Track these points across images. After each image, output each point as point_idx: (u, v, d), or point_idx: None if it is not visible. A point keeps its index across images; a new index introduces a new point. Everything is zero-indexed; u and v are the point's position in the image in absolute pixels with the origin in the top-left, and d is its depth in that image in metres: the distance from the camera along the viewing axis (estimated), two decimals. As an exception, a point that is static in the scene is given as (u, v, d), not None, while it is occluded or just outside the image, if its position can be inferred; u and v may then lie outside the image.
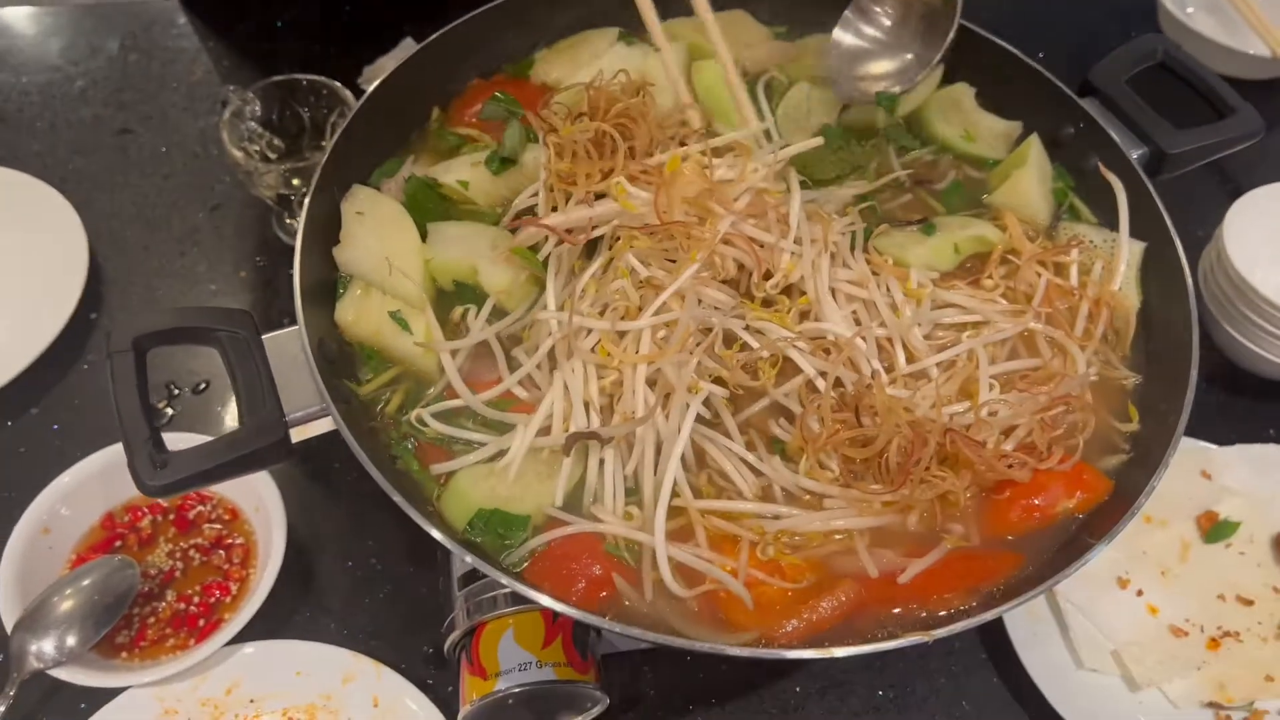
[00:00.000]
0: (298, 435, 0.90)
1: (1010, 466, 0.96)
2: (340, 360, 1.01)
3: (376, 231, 1.10)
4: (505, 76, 1.30)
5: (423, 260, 1.10)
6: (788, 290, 1.04)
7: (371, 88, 1.17)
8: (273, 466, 0.91)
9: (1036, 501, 0.98)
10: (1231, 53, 1.70)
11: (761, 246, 1.01)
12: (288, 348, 0.92)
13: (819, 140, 1.16)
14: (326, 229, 1.09)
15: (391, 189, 1.16)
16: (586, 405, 0.98)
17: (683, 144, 1.11)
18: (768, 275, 1.03)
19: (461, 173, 1.17)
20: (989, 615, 0.87)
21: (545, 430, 0.98)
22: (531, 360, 1.01)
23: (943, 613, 0.93)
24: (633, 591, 0.92)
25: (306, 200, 1.03)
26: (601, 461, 0.97)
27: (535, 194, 1.13)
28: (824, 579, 0.94)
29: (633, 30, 1.33)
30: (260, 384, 0.88)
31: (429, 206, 1.15)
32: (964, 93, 1.29)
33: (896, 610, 0.93)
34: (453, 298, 1.10)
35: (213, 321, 0.90)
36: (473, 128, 1.24)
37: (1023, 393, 1.03)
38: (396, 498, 0.86)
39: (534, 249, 1.09)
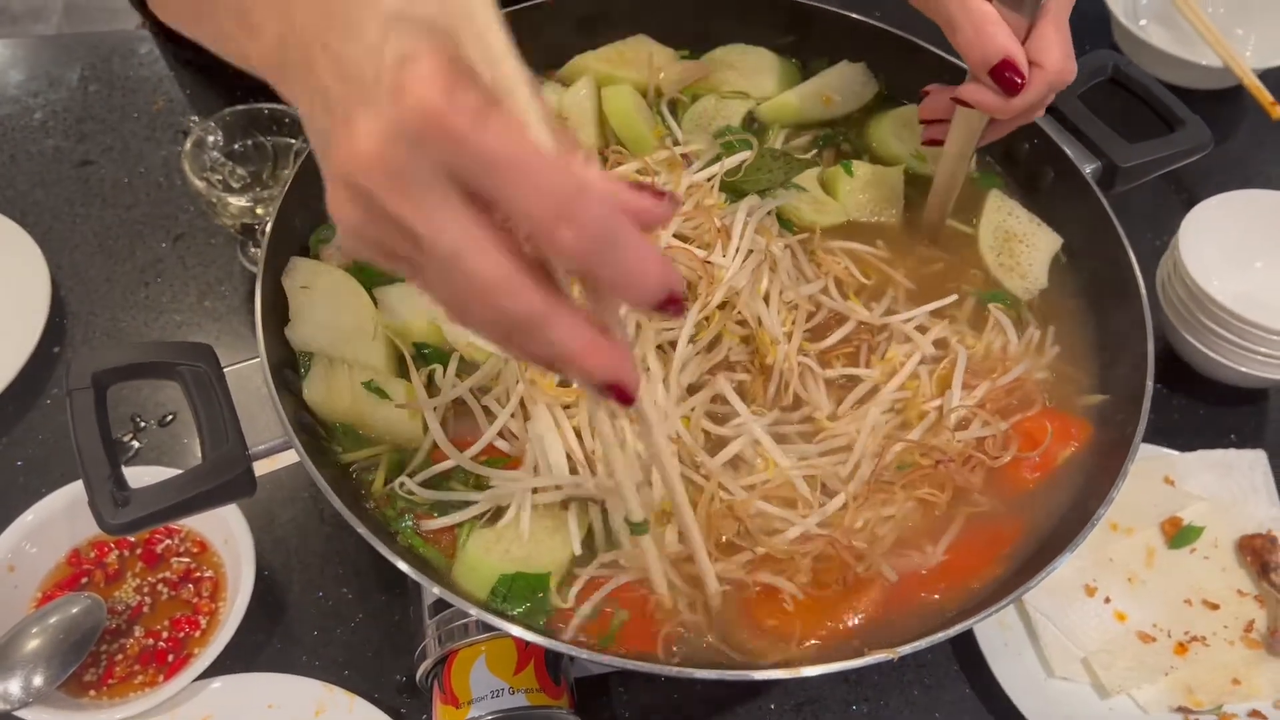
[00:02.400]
0: (262, 468, 0.90)
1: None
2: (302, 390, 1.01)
3: (325, 304, 1.06)
4: None
5: (381, 326, 1.07)
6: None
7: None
8: (237, 500, 0.90)
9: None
10: (1185, 64, 1.73)
11: (707, 262, 1.02)
12: (250, 380, 0.92)
13: (750, 153, 1.17)
14: (288, 259, 1.08)
15: (334, 255, 1.13)
16: (569, 455, 0.97)
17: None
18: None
19: None
20: (957, 628, 0.88)
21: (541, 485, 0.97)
22: (505, 410, 1.00)
23: (977, 585, 0.97)
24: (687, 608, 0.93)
25: (268, 228, 1.03)
26: (604, 509, 0.97)
27: None
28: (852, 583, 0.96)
29: (538, 70, 1.33)
30: (222, 418, 0.87)
31: (372, 270, 1.12)
32: (915, 113, 1.31)
33: (935, 596, 0.97)
34: (416, 361, 1.07)
35: (173, 356, 0.89)
36: None
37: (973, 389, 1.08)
38: (371, 538, 0.86)
39: None
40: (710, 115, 1.29)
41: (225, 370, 0.91)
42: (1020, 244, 1.21)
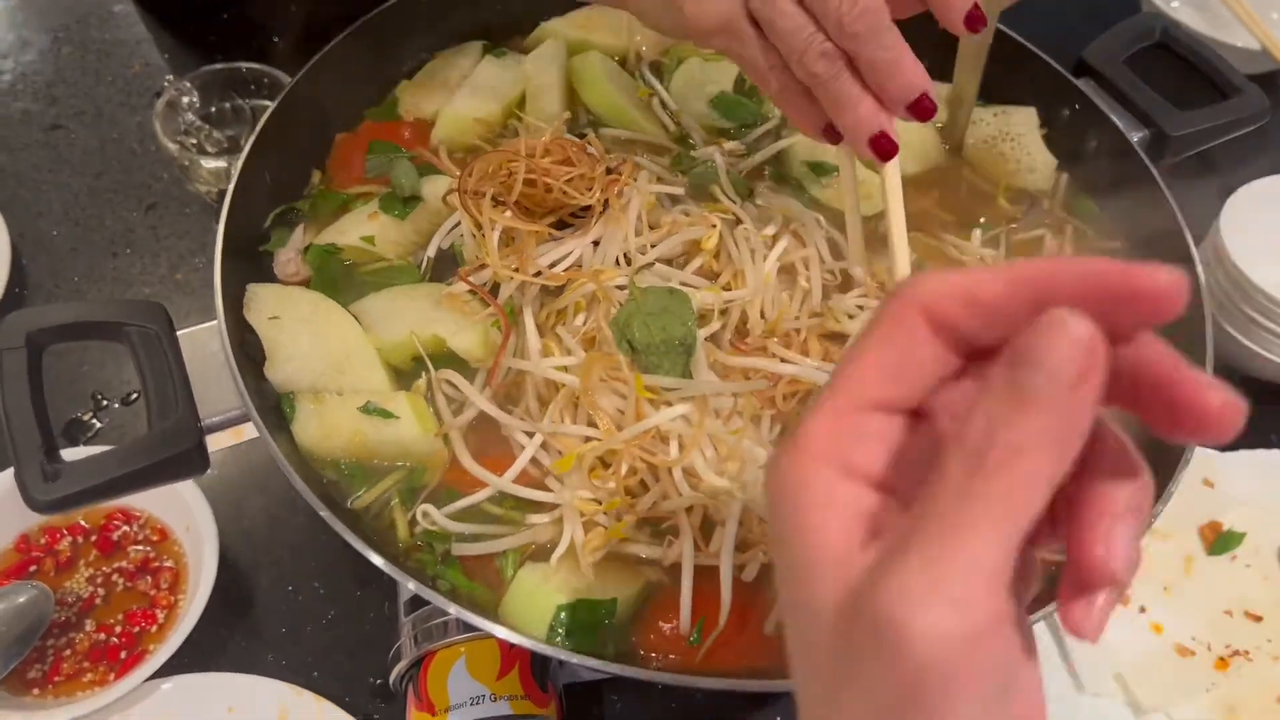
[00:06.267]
0: (219, 443, 0.81)
1: None
2: (263, 356, 0.91)
3: (304, 333, 0.95)
4: (372, 122, 1.16)
5: (373, 347, 0.95)
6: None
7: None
8: (188, 478, 0.81)
9: None
10: (1219, 46, 1.64)
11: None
12: (206, 345, 0.82)
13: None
14: (249, 224, 0.99)
15: (291, 265, 1.02)
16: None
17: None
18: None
19: (362, 228, 1.03)
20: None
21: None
22: (534, 442, 0.88)
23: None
24: None
25: (230, 187, 0.94)
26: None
27: (453, 227, 1.01)
28: None
29: (497, 41, 1.23)
30: (172, 385, 0.78)
31: (336, 277, 1.01)
32: None
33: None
34: (412, 376, 0.96)
35: (119, 315, 0.79)
36: (362, 184, 1.10)
37: None
38: (336, 523, 0.78)
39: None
40: (699, 79, 1.18)
41: (179, 334, 0.82)
42: (1006, 142, 1.14)
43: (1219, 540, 1.18)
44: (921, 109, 0.76)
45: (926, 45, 1.16)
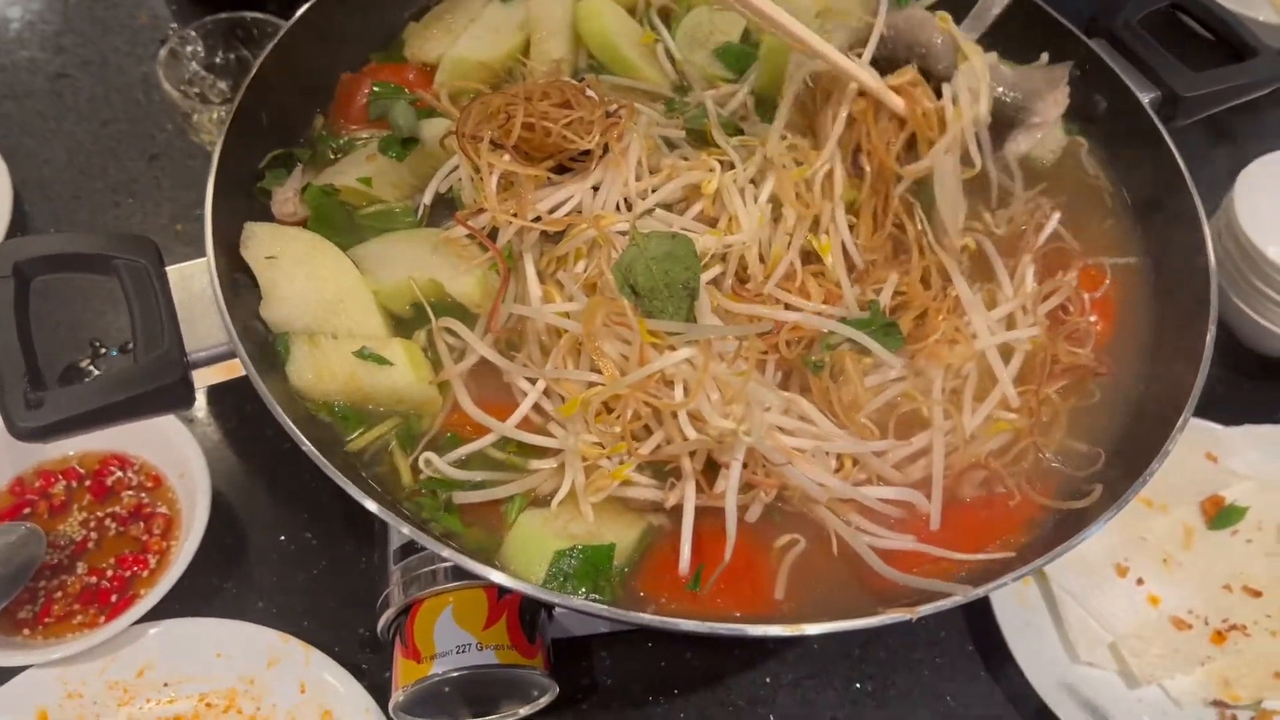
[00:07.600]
0: (203, 380, 0.80)
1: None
2: (255, 296, 0.90)
3: (300, 274, 0.93)
4: (377, 63, 1.15)
5: (370, 290, 0.94)
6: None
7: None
8: (172, 411, 0.80)
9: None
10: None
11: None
12: (195, 281, 0.82)
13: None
14: (247, 163, 0.99)
15: (289, 205, 1.00)
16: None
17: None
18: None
19: (360, 169, 1.02)
20: (989, 586, 0.77)
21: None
22: (537, 389, 0.87)
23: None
24: None
25: (227, 121, 0.93)
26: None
27: (451, 171, 1.00)
28: None
29: None
30: (159, 318, 0.77)
31: (334, 219, 1.00)
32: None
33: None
34: (411, 323, 0.94)
35: (108, 248, 0.79)
36: (364, 126, 1.09)
37: None
38: (322, 461, 0.77)
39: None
40: (706, 28, 1.16)
41: (168, 269, 0.81)
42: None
43: (1221, 515, 1.16)
44: None
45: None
